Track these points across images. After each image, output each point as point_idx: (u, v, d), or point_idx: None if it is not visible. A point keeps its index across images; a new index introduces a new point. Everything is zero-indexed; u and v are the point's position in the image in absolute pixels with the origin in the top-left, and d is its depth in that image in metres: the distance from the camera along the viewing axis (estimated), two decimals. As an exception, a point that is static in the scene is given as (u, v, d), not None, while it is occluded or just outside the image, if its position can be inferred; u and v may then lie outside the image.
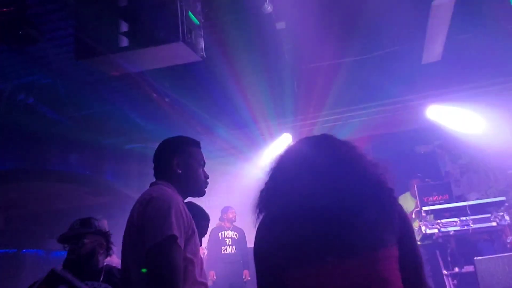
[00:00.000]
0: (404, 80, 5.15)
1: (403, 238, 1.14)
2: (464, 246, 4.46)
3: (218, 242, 5.77)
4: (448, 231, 4.20)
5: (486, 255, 3.97)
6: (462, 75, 5.24)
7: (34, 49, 4.13)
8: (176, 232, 1.46)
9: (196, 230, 1.63)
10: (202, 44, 3.14)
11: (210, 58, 3.53)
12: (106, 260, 2.28)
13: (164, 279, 1.41)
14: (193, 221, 1.61)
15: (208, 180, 1.82)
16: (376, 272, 1.07)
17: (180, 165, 1.73)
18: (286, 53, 4.52)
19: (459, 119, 5.62)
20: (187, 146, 1.80)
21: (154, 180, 1.78)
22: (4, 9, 3.50)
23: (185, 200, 1.78)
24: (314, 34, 4.28)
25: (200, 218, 2.09)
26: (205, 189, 1.81)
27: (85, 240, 2.16)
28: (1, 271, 5.81)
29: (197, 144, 1.85)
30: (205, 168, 1.85)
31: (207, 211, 2.27)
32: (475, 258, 3.85)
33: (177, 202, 1.56)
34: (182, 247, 1.50)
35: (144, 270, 1.46)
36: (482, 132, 5.49)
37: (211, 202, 6.48)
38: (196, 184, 1.77)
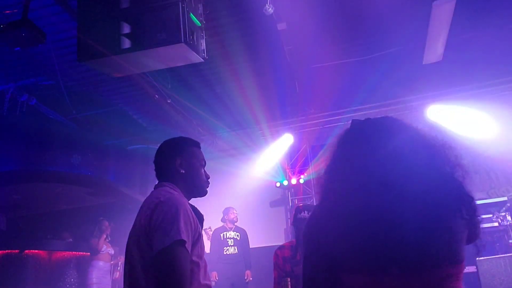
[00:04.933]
0: (405, 81, 5.15)
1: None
2: (465, 246, 4.44)
3: (220, 243, 5.78)
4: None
5: (488, 256, 3.97)
6: (463, 75, 5.24)
7: (37, 51, 4.15)
8: (184, 236, 1.46)
9: (201, 232, 1.63)
10: (203, 45, 3.15)
11: (211, 59, 3.54)
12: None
13: (171, 284, 1.41)
14: (199, 224, 1.61)
15: (209, 180, 1.82)
16: None
17: (183, 165, 1.73)
18: (287, 54, 4.53)
19: (460, 120, 5.62)
20: (188, 146, 1.81)
21: (157, 181, 1.77)
22: (7, 11, 3.53)
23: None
24: (316, 35, 4.29)
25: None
26: (207, 189, 1.81)
27: None
28: (4, 271, 5.83)
29: (197, 144, 1.86)
30: (207, 169, 1.86)
31: (208, 212, 2.27)
32: (477, 258, 3.84)
33: (184, 206, 1.56)
34: (190, 251, 1.50)
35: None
36: (483, 132, 5.48)
37: (212, 203, 6.50)
38: (198, 183, 1.77)
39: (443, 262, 0.96)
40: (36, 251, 6.54)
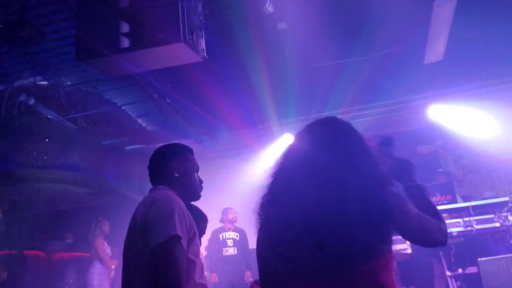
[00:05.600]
0: (406, 80, 5.13)
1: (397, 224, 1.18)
2: (467, 247, 4.44)
3: (219, 244, 5.75)
4: (451, 232, 4.17)
5: (489, 256, 3.95)
6: (464, 75, 5.23)
7: (36, 50, 4.13)
8: (179, 232, 1.49)
9: (197, 232, 1.65)
10: (203, 45, 3.13)
11: (211, 59, 3.52)
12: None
13: (168, 279, 1.42)
14: (194, 223, 1.64)
15: (202, 184, 1.88)
16: (373, 283, 1.08)
17: (177, 169, 1.78)
18: (288, 53, 4.50)
19: (461, 119, 5.60)
20: (182, 152, 1.87)
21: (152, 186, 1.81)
22: (6, 10, 3.50)
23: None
24: (316, 35, 4.27)
25: (199, 219, 2.11)
26: (200, 193, 1.87)
27: None
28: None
29: (190, 150, 1.92)
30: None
31: (208, 212, 2.27)
32: (479, 259, 3.83)
33: (179, 204, 1.59)
34: (185, 248, 1.52)
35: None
36: (485, 132, 5.47)
37: (211, 203, 6.47)
38: (192, 187, 1.82)
39: (368, 259, 1.09)
40: (35, 251, 6.51)
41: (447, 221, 4.21)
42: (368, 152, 1.22)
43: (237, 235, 5.86)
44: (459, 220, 4.22)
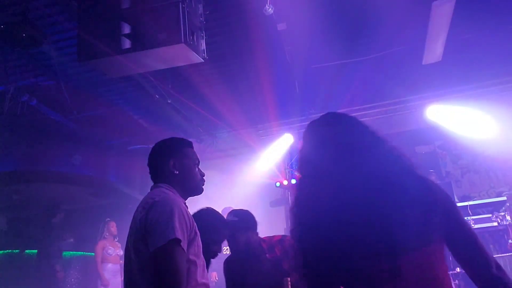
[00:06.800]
0: (405, 81, 5.16)
1: (449, 225, 1.10)
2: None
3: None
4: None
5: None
6: (463, 75, 5.25)
7: (38, 51, 4.16)
8: (179, 235, 1.47)
9: (198, 231, 1.63)
10: (203, 45, 3.16)
11: (211, 59, 3.55)
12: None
13: (168, 282, 1.43)
14: (195, 223, 1.62)
15: (204, 177, 1.84)
16: (422, 271, 1.05)
17: (176, 166, 1.75)
18: (287, 54, 4.53)
19: (460, 120, 5.62)
20: (180, 147, 1.82)
21: (153, 183, 1.79)
22: (8, 11, 3.54)
23: (200, 208, 1.86)
24: (315, 35, 4.30)
25: (220, 227, 2.16)
26: (203, 187, 1.82)
27: None
28: (4, 271, 5.85)
29: (189, 144, 1.87)
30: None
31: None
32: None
33: (179, 205, 1.57)
34: (185, 250, 1.51)
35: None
36: (483, 132, 5.49)
37: (211, 203, 6.47)
38: (193, 183, 1.78)
39: (415, 246, 1.06)
40: (37, 251, 6.54)
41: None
42: (388, 144, 1.27)
43: (237, 235, 5.87)
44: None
